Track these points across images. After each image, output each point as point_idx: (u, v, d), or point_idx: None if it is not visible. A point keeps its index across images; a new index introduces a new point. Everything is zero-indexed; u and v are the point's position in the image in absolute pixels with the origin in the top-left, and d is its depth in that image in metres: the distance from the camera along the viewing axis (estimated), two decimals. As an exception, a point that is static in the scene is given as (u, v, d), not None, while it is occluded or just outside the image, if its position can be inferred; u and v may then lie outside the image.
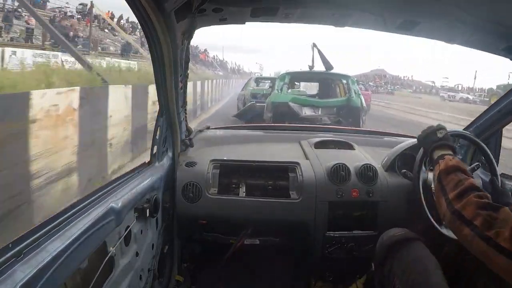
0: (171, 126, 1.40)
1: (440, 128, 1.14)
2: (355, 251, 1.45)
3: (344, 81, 5.77)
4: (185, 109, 1.52)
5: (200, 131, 1.83)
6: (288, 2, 1.12)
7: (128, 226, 1.06)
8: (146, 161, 1.36)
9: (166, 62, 1.11)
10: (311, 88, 9.79)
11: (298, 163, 1.52)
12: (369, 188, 1.43)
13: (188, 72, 1.38)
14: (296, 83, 7.96)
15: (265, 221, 1.48)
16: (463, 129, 1.51)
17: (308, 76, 6.70)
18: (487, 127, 1.49)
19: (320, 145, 1.71)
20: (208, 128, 1.92)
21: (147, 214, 1.17)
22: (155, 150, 1.35)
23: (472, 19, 1.06)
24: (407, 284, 1.01)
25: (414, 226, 1.22)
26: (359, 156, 1.61)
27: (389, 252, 1.14)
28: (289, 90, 5.98)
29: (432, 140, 1.11)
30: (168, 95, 1.25)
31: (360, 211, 1.46)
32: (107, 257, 0.91)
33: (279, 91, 5.47)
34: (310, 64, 6.31)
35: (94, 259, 0.87)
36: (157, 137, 1.33)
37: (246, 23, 1.27)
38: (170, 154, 1.48)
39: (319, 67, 6.05)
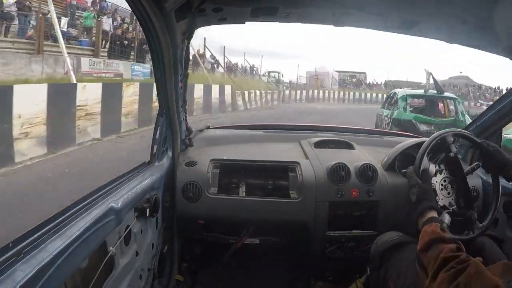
0: (171, 125, 1.40)
1: (411, 185, 1.12)
2: (355, 251, 1.45)
3: (452, 102, 7.13)
4: (185, 109, 1.52)
5: (200, 130, 1.83)
6: (288, 1, 1.12)
7: (128, 226, 1.06)
8: (146, 161, 1.36)
9: (166, 62, 1.11)
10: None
11: (298, 163, 1.52)
12: (369, 188, 1.43)
13: (188, 72, 1.38)
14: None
15: (265, 221, 1.48)
16: (463, 129, 1.51)
17: (423, 97, 7.80)
18: (487, 127, 1.49)
19: (320, 144, 1.71)
20: (208, 127, 1.92)
21: (147, 214, 1.17)
22: (155, 150, 1.35)
23: (472, 19, 1.06)
24: None
25: (414, 226, 1.22)
26: (359, 156, 1.61)
27: (384, 257, 1.14)
28: (411, 108, 7.10)
29: (412, 209, 1.09)
30: (168, 95, 1.25)
31: (360, 211, 1.46)
32: (107, 257, 0.92)
33: (403, 109, 6.82)
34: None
35: (94, 259, 0.87)
36: (157, 136, 1.33)
37: (246, 23, 1.27)
38: (170, 153, 1.48)
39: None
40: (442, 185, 1.25)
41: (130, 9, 0.92)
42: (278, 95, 19.37)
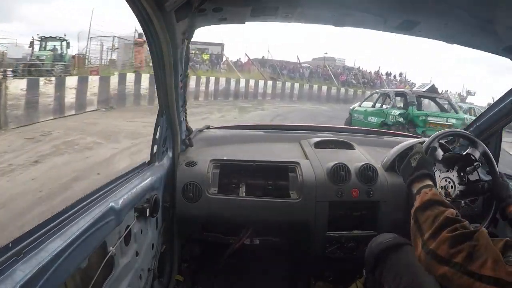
0: (171, 126, 1.40)
1: (415, 153, 1.09)
2: (355, 251, 1.45)
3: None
4: (185, 109, 1.52)
5: (200, 131, 1.83)
6: (288, 1, 1.12)
7: (128, 226, 1.06)
8: (146, 161, 1.36)
9: (166, 62, 1.11)
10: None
11: (298, 163, 1.52)
12: (369, 188, 1.43)
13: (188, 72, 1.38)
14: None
15: (265, 221, 1.48)
16: (464, 129, 1.51)
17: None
18: (487, 127, 1.49)
19: (320, 145, 1.71)
20: (208, 128, 1.92)
21: (147, 214, 1.17)
22: (155, 150, 1.35)
23: (472, 19, 1.06)
24: None
25: None
26: (359, 156, 1.61)
27: (379, 259, 1.13)
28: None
29: (408, 172, 1.07)
30: (168, 95, 1.25)
31: (360, 211, 1.46)
32: (107, 257, 0.91)
33: (413, 107, 7.29)
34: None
35: (94, 259, 0.87)
36: (157, 136, 1.33)
37: (246, 22, 1.27)
38: (170, 154, 1.48)
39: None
40: (442, 187, 1.26)
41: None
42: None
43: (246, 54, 20.74)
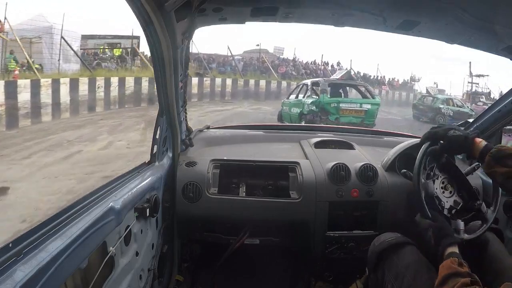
0: (171, 126, 1.40)
1: (425, 229, 1.07)
2: (355, 251, 1.45)
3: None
4: (185, 109, 1.53)
5: (200, 131, 1.83)
6: (288, 2, 1.12)
7: (128, 226, 1.06)
8: (146, 161, 1.36)
9: (166, 62, 1.11)
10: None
11: (298, 163, 1.52)
12: (369, 188, 1.43)
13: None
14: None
15: (265, 221, 1.48)
16: (464, 129, 1.51)
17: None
18: (487, 127, 1.49)
19: (320, 145, 1.71)
20: (208, 128, 1.92)
21: (147, 214, 1.17)
22: (155, 150, 1.35)
23: (472, 19, 1.06)
24: None
25: (414, 226, 1.22)
26: (359, 156, 1.61)
27: (381, 258, 1.14)
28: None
29: (433, 252, 1.05)
30: (168, 95, 1.25)
31: (360, 211, 1.46)
32: (107, 257, 0.91)
33: (325, 95, 7.49)
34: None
35: (94, 259, 0.87)
36: (157, 137, 1.33)
37: (246, 23, 1.27)
38: (170, 154, 1.48)
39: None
40: (442, 188, 1.25)
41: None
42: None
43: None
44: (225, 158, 1.56)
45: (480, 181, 1.51)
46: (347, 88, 8.57)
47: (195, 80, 13.50)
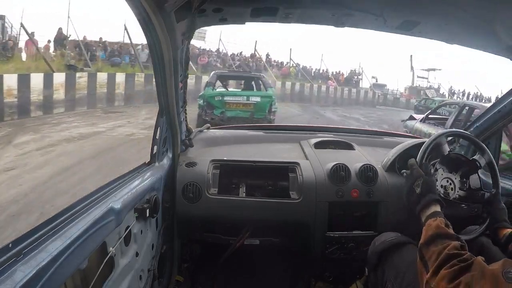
0: (171, 126, 1.40)
1: (416, 177, 1.09)
2: (355, 251, 1.45)
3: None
4: (185, 109, 1.52)
5: (200, 131, 1.83)
6: (288, 2, 1.12)
7: (128, 226, 1.06)
8: (146, 162, 1.36)
9: (166, 62, 1.11)
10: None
11: (298, 163, 1.51)
12: (369, 189, 1.43)
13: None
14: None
15: (265, 221, 1.48)
16: (464, 129, 1.51)
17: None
18: (487, 127, 1.49)
19: (320, 145, 1.71)
20: (208, 128, 1.92)
21: (147, 214, 1.17)
22: (155, 150, 1.35)
23: (472, 19, 1.06)
24: None
25: (414, 226, 1.22)
26: (359, 156, 1.61)
27: (381, 258, 1.13)
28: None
29: (414, 201, 1.07)
30: (168, 95, 1.25)
31: (360, 211, 1.46)
32: (107, 257, 0.91)
33: (209, 88, 7.05)
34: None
35: (94, 259, 0.87)
36: (157, 137, 1.33)
37: (246, 23, 1.27)
38: (170, 154, 1.48)
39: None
40: (442, 186, 1.25)
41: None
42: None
43: (23, 26, 9.88)
44: (225, 158, 1.56)
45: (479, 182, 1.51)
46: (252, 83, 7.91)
47: (60, 77, 8.41)
